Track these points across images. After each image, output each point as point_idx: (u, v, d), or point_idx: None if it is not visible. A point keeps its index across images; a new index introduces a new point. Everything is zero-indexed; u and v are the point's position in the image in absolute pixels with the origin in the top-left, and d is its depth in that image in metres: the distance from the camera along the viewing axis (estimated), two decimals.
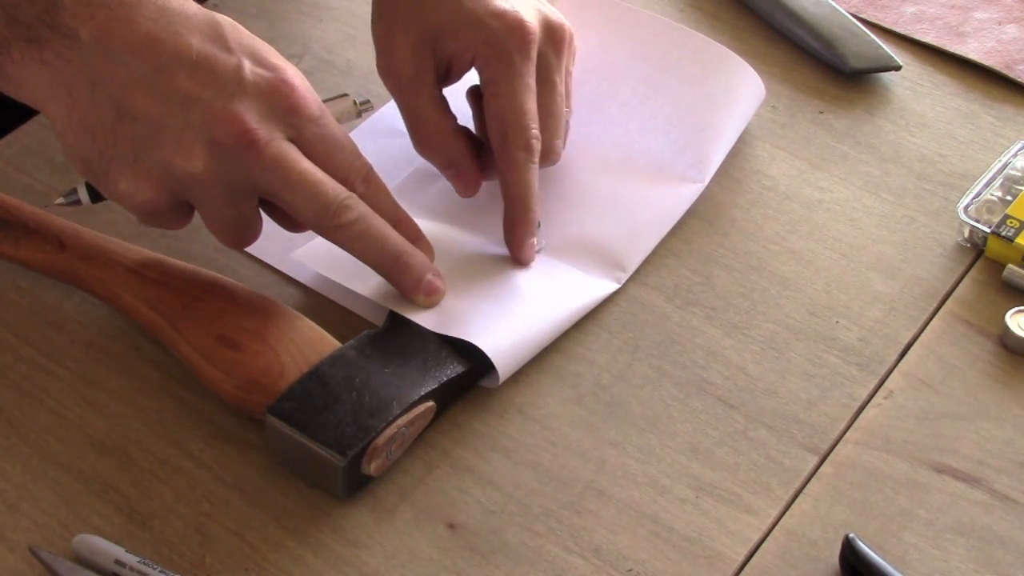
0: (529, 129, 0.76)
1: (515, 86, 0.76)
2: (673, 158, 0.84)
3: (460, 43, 0.77)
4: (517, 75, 0.76)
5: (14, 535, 0.67)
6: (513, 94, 0.76)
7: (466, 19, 0.76)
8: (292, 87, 0.69)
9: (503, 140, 0.76)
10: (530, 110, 0.76)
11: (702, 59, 0.86)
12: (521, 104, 0.76)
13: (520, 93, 0.76)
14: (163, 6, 0.67)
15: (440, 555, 0.67)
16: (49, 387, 0.73)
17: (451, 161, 0.79)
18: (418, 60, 0.77)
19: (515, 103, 0.76)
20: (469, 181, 0.79)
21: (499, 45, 0.76)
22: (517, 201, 0.77)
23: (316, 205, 0.69)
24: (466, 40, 0.77)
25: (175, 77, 0.66)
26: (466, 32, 0.76)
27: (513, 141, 0.76)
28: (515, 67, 0.76)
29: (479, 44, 0.76)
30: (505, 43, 0.76)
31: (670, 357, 0.75)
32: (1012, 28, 0.95)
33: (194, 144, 0.67)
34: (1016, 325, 0.76)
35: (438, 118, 0.78)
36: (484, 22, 0.76)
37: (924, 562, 0.67)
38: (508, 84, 0.76)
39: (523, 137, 0.76)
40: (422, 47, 0.77)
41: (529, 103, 0.76)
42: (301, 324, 0.72)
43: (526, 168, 0.76)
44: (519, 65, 0.76)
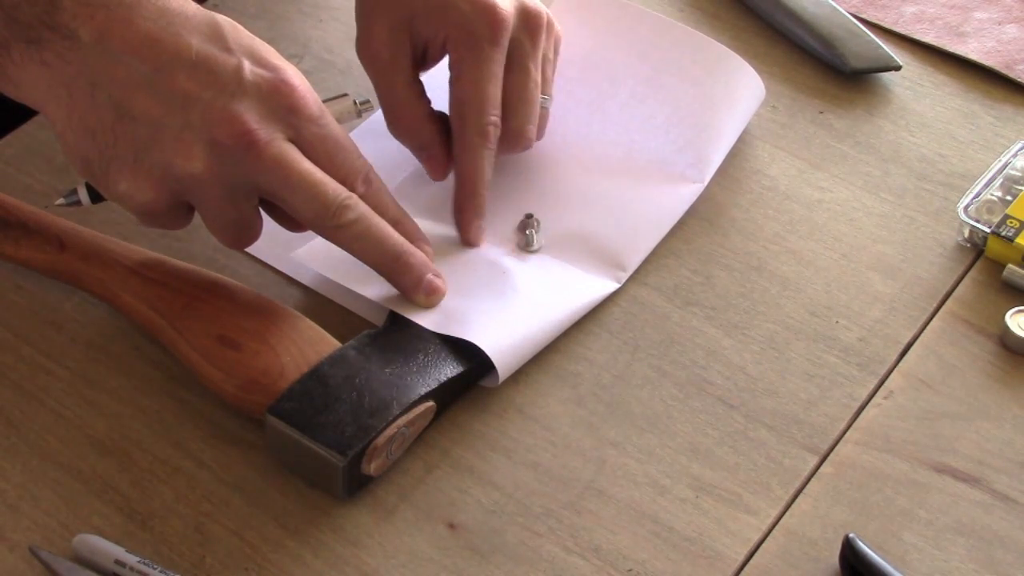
0: (487, 114, 0.76)
1: (479, 71, 0.76)
2: (673, 158, 0.83)
3: (433, 27, 0.77)
4: (483, 60, 0.76)
5: (14, 535, 0.67)
6: (475, 79, 0.76)
7: (440, 2, 0.77)
8: (292, 87, 0.69)
9: (460, 123, 0.77)
10: (491, 95, 0.77)
11: (702, 58, 0.86)
12: (482, 89, 0.76)
13: (483, 79, 0.76)
14: (163, 6, 0.67)
15: (440, 555, 0.67)
16: (49, 387, 0.73)
17: (423, 144, 0.79)
18: (394, 44, 0.78)
19: (477, 88, 0.76)
20: (439, 164, 0.79)
21: (468, 29, 0.76)
22: (466, 183, 0.78)
23: (316, 205, 0.69)
24: (438, 23, 0.77)
25: (175, 77, 0.66)
26: (439, 15, 0.77)
27: (469, 125, 0.77)
28: (482, 52, 0.76)
29: (450, 27, 0.77)
30: (474, 27, 0.76)
31: (670, 357, 0.75)
32: (1012, 28, 0.95)
33: (194, 144, 0.67)
34: (1016, 325, 0.76)
35: (412, 101, 0.79)
36: (456, 5, 0.76)
37: (924, 562, 0.67)
38: (472, 69, 0.77)
39: (479, 122, 0.76)
40: (398, 30, 0.78)
41: (491, 89, 0.77)
42: (301, 324, 0.72)
43: (478, 153, 0.77)
44: (486, 50, 0.76)
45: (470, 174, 0.78)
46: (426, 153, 0.79)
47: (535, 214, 0.80)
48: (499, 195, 0.81)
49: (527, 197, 0.82)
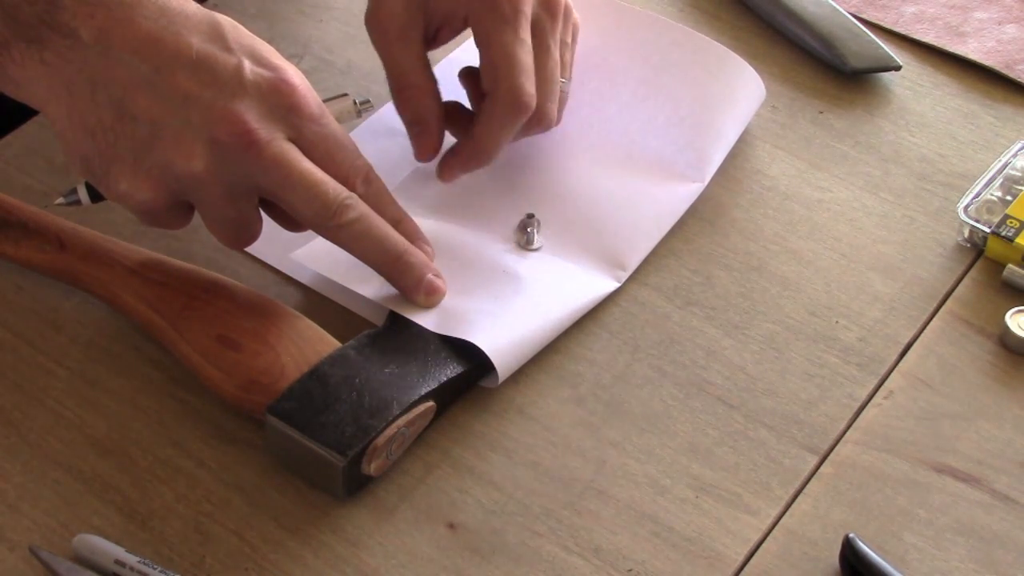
0: (525, 85, 0.75)
1: (505, 37, 0.75)
2: (673, 158, 0.84)
3: (452, 3, 0.77)
4: (508, 27, 0.75)
5: (14, 535, 0.67)
6: (503, 46, 0.75)
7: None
8: (292, 87, 0.69)
9: (494, 87, 0.76)
10: (524, 62, 0.75)
11: (703, 59, 0.86)
12: (515, 54, 0.75)
13: (515, 46, 0.75)
14: (163, 6, 0.67)
15: (440, 555, 0.67)
16: (49, 387, 0.73)
17: (419, 118, 0.78)
18: (408, 16, 0.77)
19: (506, 55, 0.75)
20: (428, 144, 0.79)
21: (491, 2, 0.75)
22: (478, 144, 0.77)
23: (316, 205, 0.69)
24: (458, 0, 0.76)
25: (175, 77, 0.67)
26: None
27: (506, 95, 0.75)
28: (506, 18, 0.75)
29: (471, 1, 0.76)
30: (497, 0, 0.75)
31: (670, 357, 0.75)
32: (1012, 28, 0.95)
33: (194, 144, 0.67)
34: (1016, 325, 0.76)
35: (419, 75, 0.78)
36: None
37: (924, 562, 0.67)
38: (500, 34, 0.76)
39: (512, 92, 0.75)
40: (414, 4, 0.77)
41: (523, 55, 0.75)
42: (301, 324, 0.72)
43: (506, 123, 0.76)
44: (510, 16, 0.75)
45: (485, 139, 0.76)
46: (418, 128, 0.78)
47: (536, 214, 0.80)
48: (500, 195, 0.81)
49: (528, 196, 0.82)
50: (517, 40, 0.76)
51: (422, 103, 0.78)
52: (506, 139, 0.77)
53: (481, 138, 0.77)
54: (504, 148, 0.78)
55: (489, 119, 0.76)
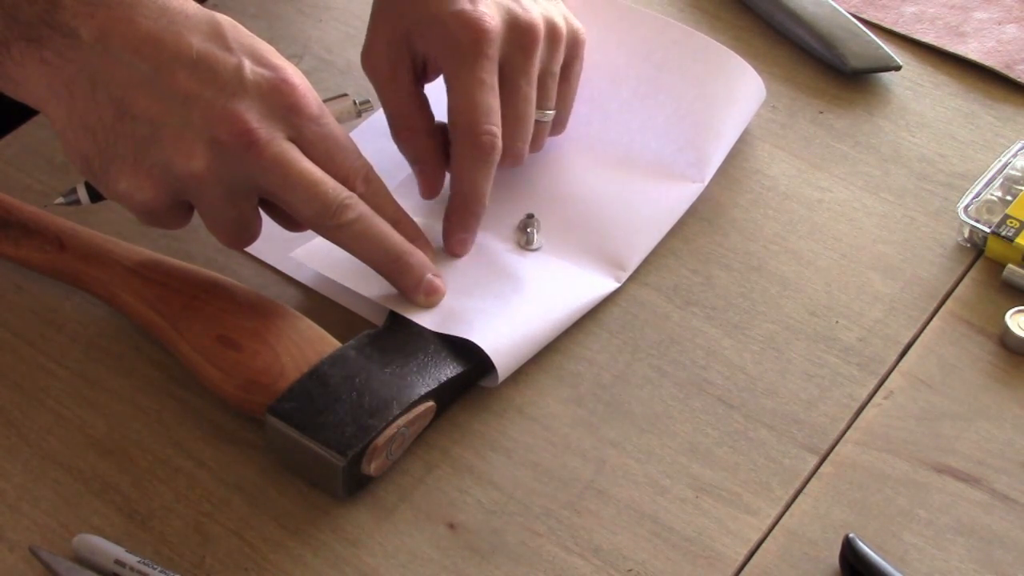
0: (482, 124, 0.75)
1: (467, 81, 0.75)
2: (673, 157, 0.84)
3: (426, 42, 0.77)
4: (469, 70, 0.75)
5: (14, 535, 0.67)
6: (465, 89, 0.75)
7: (431, 19, 0.76)
8: (292, 86, 0.69)
9: (455, 133, 0.76)
10: (483, 103, 0.75)
11: (703, 59, 0.86)
12: (474, 97, 0.75)
13: (472, 88, 0.75)
14: (163, 5, 0.67)
15: (440, 555, 0.67)
16: (49, 387, 0.73)
17: (418, 157, 0.79)
18: (394, 57, 0.77)
19: (468, 97, 0.75)
20: (431, 182, 0.79)
21: (453, 43, 0.76)
22: (457, 195, 0.77)
23: (316, 205, 0.69)
24: (429, 39, 0.77)
25: (175, 76, 0.67)
26: (428, 31, 0.76)
27: (463, 135, 0.75)
28: (467, 63, 0.75)
29: (437, 41, 0.76)
30: (459, 40, 0.75)
31: (670, 357, 0.75)
32: (1012, 28, 0.95)
33: (194, 143, 0.67)
34: (1016, 325, 0.76)
35: (412, 114, 0.78)
36: (443, 21, 0.76)
37: (924, 562, 0.67)
38: (460, 79, 0.76)
39: (475, 131, 0.75)
40: (398, 45, 0.77)
41: (483, 97, 0.75)
42: (301, 324, 0.72)
43: (474, 165, 0.76)
44: (471, 61, 0.75)
45: (463, 187, 0.76)
46: (419, 167, 0.79)
47: (535, 214, 0.80)
48: (499, 194, 0.81)
49: (527, 196, 0.82)
50: (475, 82, 0.75)
51: (419, 143, 0.78)
52: (484, 184, 0.76)
53: (460, 188, 0.77)
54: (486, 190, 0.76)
55: (459, 165, 0.76)
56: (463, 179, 0.76)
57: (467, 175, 0.76)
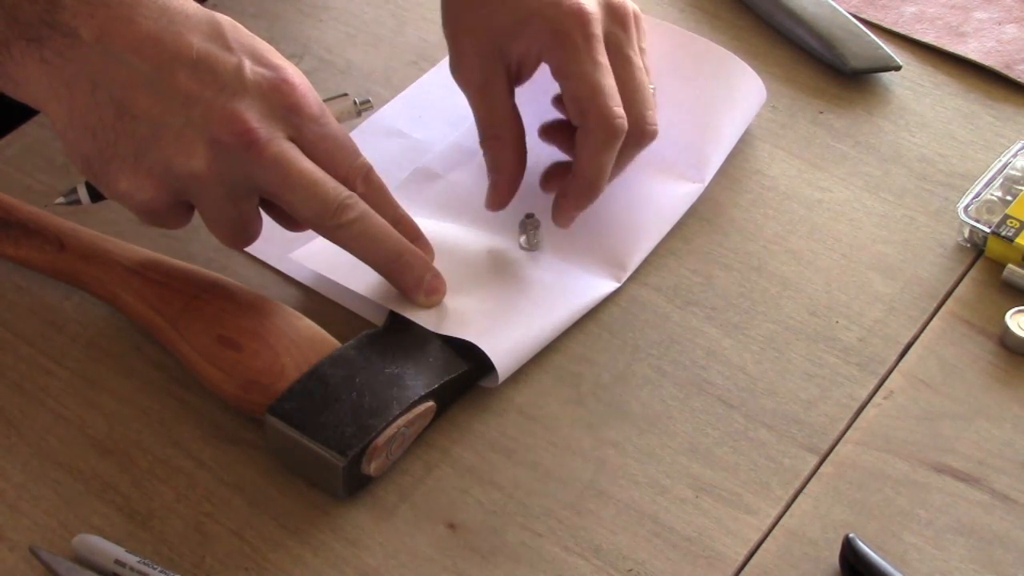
0: (612, 107, 0.74)
1: (583, 66, 0.75)
2: (673, 158, 0.84)
3: (524, 42, 0.76)
4: (584, 53, 0.75)
5: (14, 535, 0.67)
6: (583, 74, 0.75)
7: (524, 16, 0.76)
8: (292, 86, 0.69)
9: (583, 118, 0.75)
10: (609, 86, 0.75)
11: (704, 62, 0.86)
12: (595, 81, 0.75)
13: (593, 72, 0.75)
14: (163, 5, 0.67)
15: (440, 555, 0.67)
16: (49, 387, 0.73)
17: (500, 167, 0.78)
18: (487, 67, 0.77)
19: (591, 82, 0.75)
20: (503, 195, 0.78)
21: (560, 30, 0.75)
22: (581, 178, 0.76)
23: (316, 204, 0.69)
24: (528, 37, 0.76)
25: (176, 76, 0.67)
26: (527, 29, 0.76)
27: (592, 118, 0.75)
28: (579, 47, 0.75)
29: (540, 36, 0.76)
30: (565, 27, 0.75)
31: (670, 357, 0.75)
32: (1012, 28, 0.95)
33: (195, 143, 0.67)
34: (1016, 325, 0.76)
35: (502, 124, 0.78)
36: (542, 14, 0.75)
37: (924, 562, 0.67)
38: (577, 64, 0.75)
39: (608, 116, 0.74)
40: (490, 54, 0.77)
41: (607, 80, 0.75)
42: (301, 324, 0.72)
43: (604, 149, 0.75)
44: (583, 45, 0.75)
45: (591, 169, 0.75)
46: (495, 177, 0.78)
47: (536, 214, 0.80)
48: None
49: (528, 196, 0.82)
50: (595, 66, 0.75)
51: (504, 154, 0.78)
52: (608, 166, 0.76)
53: (585, 171, 0.76)
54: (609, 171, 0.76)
55: (587, 150, 0.76)
56: (592, 161, 0.75)
57: (597, 158, 0.75)
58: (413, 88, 0.90)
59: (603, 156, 0.75)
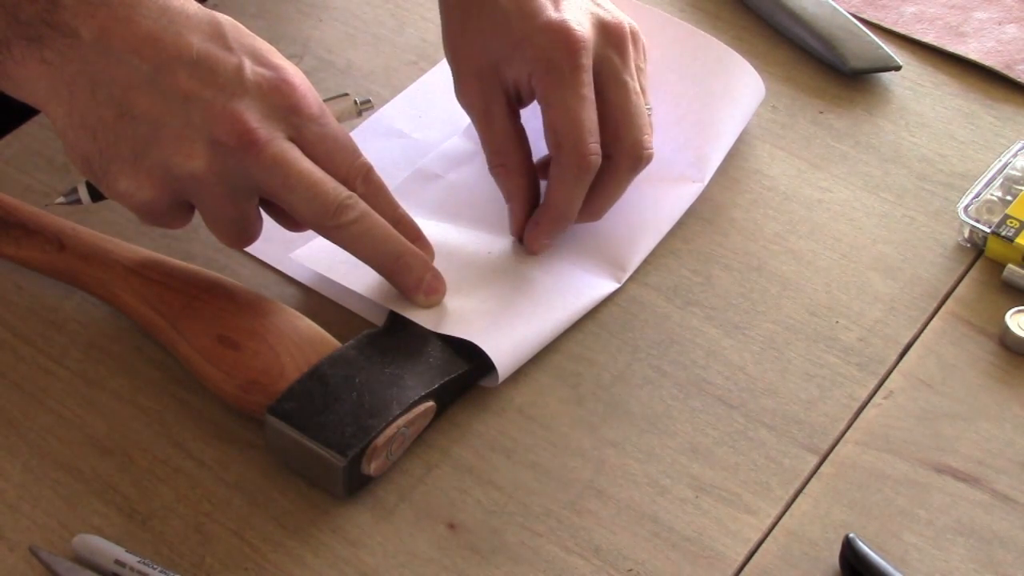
0: (587, 143, 0.74)
1: (564, 97, 0.74)
2: (673, 156, 0.83)
3: (517, 68, 0.76)
4: (566, 86, 0.74)
5: (14, 535, 0.67)
6: (563, 106, 0.74)
7: (517, 41, 0.75)
8: (293, 86, 0.69)
9: (557, 151, 0.75)
10: (584, 120, 0.74)
11: (703, 56, 0.86)
12: (574, 114, 0.74)
13: (572, 103, 0.74)
14: (164, 5, 0.67)
15: (440, 555, 0.67)
16: (49, 387, 0.73)
17: (512, 196, 0.78)
18: (487, 93, 0.77)
19: (568, 113, 0.74)
20: (520, 222, 0.78)
21: (546, 59, 0.75)
22: (552, 208, 0.76)
23: (316, 205, 0.69)
24: (520, 63, 0.76)
25: (176, 76, 0.67)
26: (519, 54, 0.75)
27: (566, 153, 0.75)
28: (563, 78, 0.74)
29: (530, 63, 0.75)
30: (552, 56, 0.74)
31: (670, 357, 0.75)
32: (1012, 28, 0.95)
33: (195, 143, 0.67)
34: (1016, 325, 0.76)
35: (508, 152, 0.78)
36: (531, 39, 0.75)
37: (924, 562, 0.67)
38: (558, 96, 0.75)
39: (577, 149, 0.74)
40: (488, 80, 0.77)
41: (586, 114, 0.74)
42: (301, 324, 0.72)
43: (572, 184, 0.75)
44: (567, 76, 0.74)
45: (560, 202, 0.76)
46: (511, 206, 0.78)
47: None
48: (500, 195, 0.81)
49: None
50: (576, 98, 0.74)
51: (513, 182, 0.78)
52: (578, 200, 0.76)
53: (555, 203, 0.76)
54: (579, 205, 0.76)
55: (557, 182, 0.76)
56: (561, 194, 0.76)
57: (567, 191, 0.76)
58: (413, 88, 0.90)
59: (573, 190, 0.75)
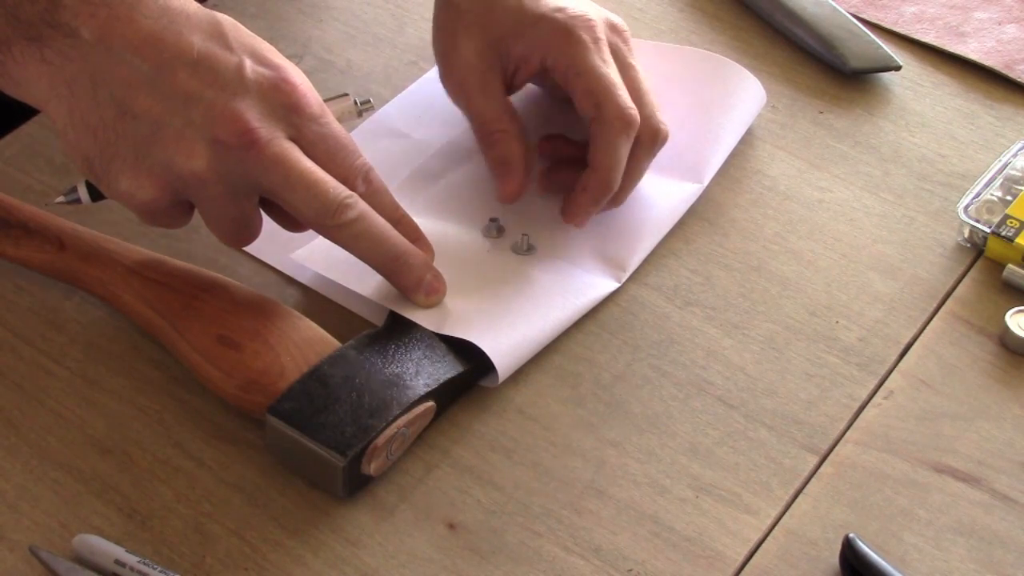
0: (626, 100, 0.76)
1: (595, 63, 0.76)
2: (672, 161, 0.83)
3: (526, 44, 0.78)
4: (593, 52, 0.77)
5: (14, 535, 0.67)
6: (596, 71, 0.76)
7: (529, 19, 0.77)
8: (293, 86, 0.69)
9: (598, 111, 0.76)
10: (620, 82, 0.77)
11: (701, 69, 0.87)
12: (609, 76, 0.76)
13: (604, 71, 0.76)
14: (164, 5, 0.67)
15: (440, 555, 0.67)
16: (49, 387, 0.73)
17: (507, 159, 0.79)
18: (484, 66, 0.78)
19: (603, 79, 0.76)
20: (515, 185, 0.79)
21: (568, 32, 0.77)
22: (600, 172, 0.76)
23: (316, 204, 0.69)
24: (532, 39, 0.77)
25: (176, 76, 0.67)
26: (531, 31, 0.77)
27: (613, 115, 0.76)
28: (588, 47, 0.77)
29: (548, 37, 0.77)
30: (574, 30, 0.77)
31: (670, 357, 0.75)
32: (1012, 28, 0.95)
33: (195, 143, 0.67)
34: (1016, 325, 0.76)
35: (503, 118, 0.79)
36: (547, 17, 0.77)
37: (924, 562, 0.67)
38: (588, 62, 0.77)
39: (623, 108, 0.76)
40: (488, 53, 0.78)
41: (615, 75, 0.77)
42: (301, 324, 0.72)
43: (620, 142, 0.76)
44: (592, 44, 0.77)
45: (609, 163, 0.76)
46: (504, 169, 0.79)
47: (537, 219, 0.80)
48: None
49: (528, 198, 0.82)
50: (606, 63, 0.77)
51: (509, 146, 0.78)
52: (624, 159, 0.77)
53: (602, 165, 0.77)
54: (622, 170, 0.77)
55: (603, 141, 0.76)
56: (607, 156, 0.76)
57: (613, 152, 0.76)
58: (413, 88, 0.90)
59: (620, 148, 0.76)
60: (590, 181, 0.77)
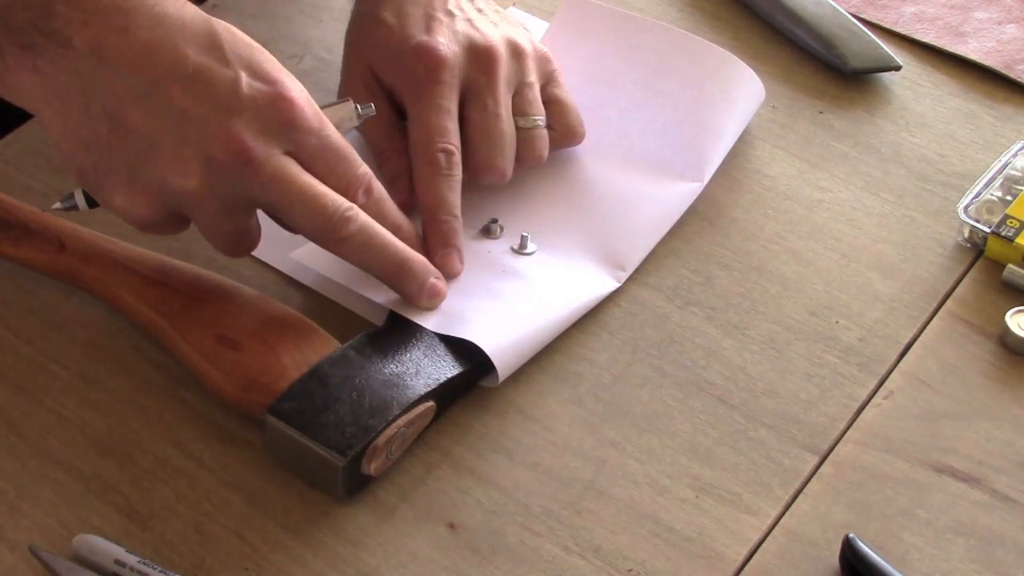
0: (435, 143, 0.77)
1: (424, 107, 0.78)
2: (672, 158, 0.84)
3: (390, 77, 0.80)
4: (424, 98, 0.78)
5: (14, 535, 0.67)
6: (421, 114, 0.78)
7: (393, 53, 0.80)
8: (290, 101, 0.68)
9: (414, 156, 0.78)
10: (435, 125, 0.77)
11: (701, 61, 0.87)
12: (428, 121, 0.78)
13: (428, 113, 0.78)
14: (159, 14, 0.66)
15: (440, 555, 0.67)
16: (49, 387, 0.73)
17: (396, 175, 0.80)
18: (368, 92, 0.80)
19: (423, 121, 0.78)
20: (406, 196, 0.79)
21: (410, 73, 0.79)
22: (426, 212, 0.77)
23: (317, 219, 0.69)
24: (393, 74, 0.80)
25: (171, 92, 0.66)
26: (392, 66, 0.80)
27: (418, 155, 0.77)
28: (423, 92, 0.78)
29: (398, 75, 0.79)
30: (414, 70, 0.78)
31: (670, 357, 0.75)
32: (1012, 28, 0.95)
33: (190, 161, 0.66)
34: (1016, 325, 0.76)
35: (393, 137, 0.81)
36: (402, 58, 0.79)
37: (924, 562, 0.67)
38: (418, 107, 0.78)
39: (428, 151, 0.77)
40: (370, 80, 0.81)
41: (435, 119, 0.78)
42: (301, 324, 0.72)
43: (431, 181, 0.77)
44: (427, 89, 0.78)
45: (427, 202, 0.77)
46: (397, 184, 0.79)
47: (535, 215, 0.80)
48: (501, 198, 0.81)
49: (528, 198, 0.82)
50: (430, 107, 0.78)
51: (398, 163, 0.80)
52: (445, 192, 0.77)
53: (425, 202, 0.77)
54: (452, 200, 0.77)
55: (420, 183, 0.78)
56: (425, 194, 0.77)
57: (428, 189, 0.77)
58: None
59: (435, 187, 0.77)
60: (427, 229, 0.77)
